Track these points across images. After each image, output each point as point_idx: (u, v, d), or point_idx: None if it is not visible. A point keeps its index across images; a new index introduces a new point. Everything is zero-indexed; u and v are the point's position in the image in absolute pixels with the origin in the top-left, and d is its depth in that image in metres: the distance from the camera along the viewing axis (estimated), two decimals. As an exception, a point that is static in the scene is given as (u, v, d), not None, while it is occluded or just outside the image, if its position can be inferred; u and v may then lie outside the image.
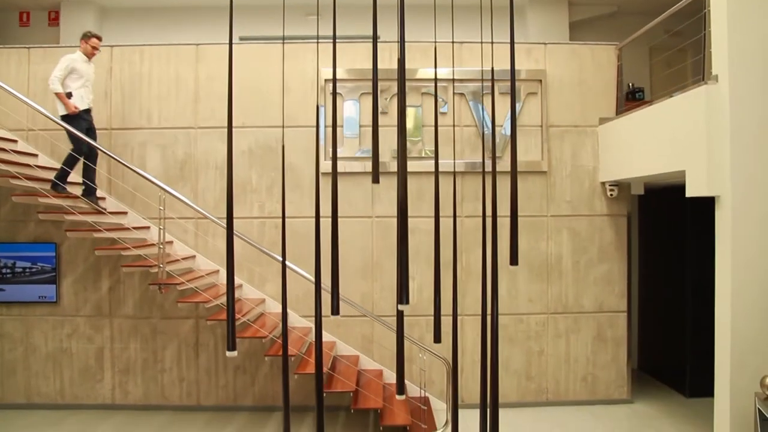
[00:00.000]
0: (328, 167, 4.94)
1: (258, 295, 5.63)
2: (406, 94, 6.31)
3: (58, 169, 5.14)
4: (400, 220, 1.63)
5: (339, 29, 2.09)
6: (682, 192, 4.36)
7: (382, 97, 5.71)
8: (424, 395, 5.02)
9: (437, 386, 5.57)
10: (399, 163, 1.65)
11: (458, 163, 5.68)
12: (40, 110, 5.08)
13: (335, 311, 2.02)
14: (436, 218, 2.38)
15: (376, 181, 1.96)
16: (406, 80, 1.87)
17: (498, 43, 2.82)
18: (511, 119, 2.18)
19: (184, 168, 5.79)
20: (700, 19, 4.38)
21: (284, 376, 2.20)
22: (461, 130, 5.79)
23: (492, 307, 2.21)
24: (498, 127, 5.80)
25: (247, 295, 5.59)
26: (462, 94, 5.80)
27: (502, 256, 2.19)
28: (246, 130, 5.73)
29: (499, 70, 2.94)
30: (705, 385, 4.56)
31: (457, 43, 5.57)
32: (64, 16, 6.99)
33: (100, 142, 5.32)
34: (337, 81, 5.67)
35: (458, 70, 5.67)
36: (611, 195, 5.78)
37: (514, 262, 2.04)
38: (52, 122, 5.08)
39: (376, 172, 1.95)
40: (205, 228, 5.67)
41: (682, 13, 4.73)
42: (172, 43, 5.91)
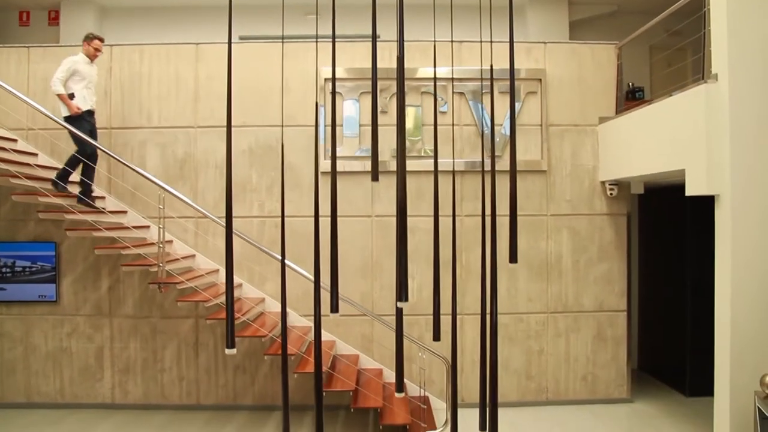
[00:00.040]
0: (328, 166, 4.93)
1: (258, 294, 5.63)
2: (406, 94, 6.31)
3: (59, 169, 5.15)
4: (400, 217, 1.63)
5: (339, 28, 2.09)
6: (682, 191, 4.36)
7: (381, 96, 5.71)
8: (423, 394, 5.02)
9: (437, 385, 5.57)
10: (398, 161, 1.65)
11: (458, 162, 5.68)
12: (40, 109, 5.08)
13: (334, 309, 2.02)
14: (435, 217, 2.38)
15: (376, 179, 1.96)
16: (405, 79, 1.87)
17: (497, 42, 2.82)
18: (511, 118, 2.18)
19: (184, 167, 5.79)
20: (700, 18, 4.38)
21: (283, 375, 2.20)
22: (461, 129, 5.78)
23: (491, 306, 2.21)
24: (498, 126, 5.80)
25: (247, 295, 5.59)
26: (462, 93, 5.80)
27: (501, 255, 2.19)
28: (246, 129, 5.73)
29: (499, 69, 2.94)
30: (705, 385, 4.55)
31: (456, 42, 5.60)
32: (64, 16, 6.99)
33: (100, 142, 5.32)
34: (336, 80, 5.72)
35: (458, 69, 5.66)
36: (611, 194, 5.77)
37: (513, 259, 2.04)
38: (52, 121, 5.09)
39: (376, 171, 1.95)
40: (205, 227, 5.67)
41: (682, 12, 4.74)
42: (172, 43, 5.92)
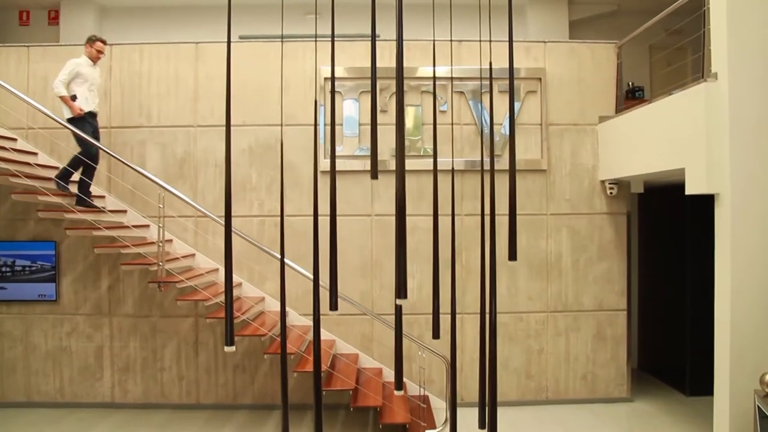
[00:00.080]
0: (327, 165, 4.93)
1: (257, 293, 5.63)
2: (406, 93, 6.30)
3: (58, 168, 5.15)
4: (399, 211, 1.63)
5: (338, 28, 2.09)
6: (681, 190, 4.36)
7: (381, 95, 5.71)
8: (423, 394, 5.02)
9: (437, 385, 5.57)
10: (397, 157, 1.65)
11: (458, 161, 5.67)
12: (39, 108, 5.08)
13: (333, 307, 2.01)
14: (434, 215, 2.37)
15: (375, 177, 1.96)
16: (405, 79, 1.88)
17: (497, 42, 2.81)
18: (510, 117, 2.18)
19: (184, 166, 5.79)
20: (700, 17, 4.38)
21: (283, 374, 2.19)
22: (461, 128, 5.78)
23: (490, 305, 2.20)
24: (497, 125, 5.80)
25: (247, 294, 5.59)
26: (461, 93, 5.80)
27: (501, 254, 2.18)
28: (246, 128, 5.73)
29: (499, 68, 2.93)
30: (705, 384, 4.56)
31: (455, 42, 5.60)
32: (64, 15, 6.99)
33: (100, 141, 5.32)
34: (336, 79, 5.72)
35: (458, 68, 5.67)
36: (611, 193, 5.77)
37: (513, 257, 2.04)
38: (52, 120, 5.09)
39: (375, 168, 1.94)
40: (205, 226, 5.67)
41: (682, 11, 4.73)
42: (172, 42, 5.92)
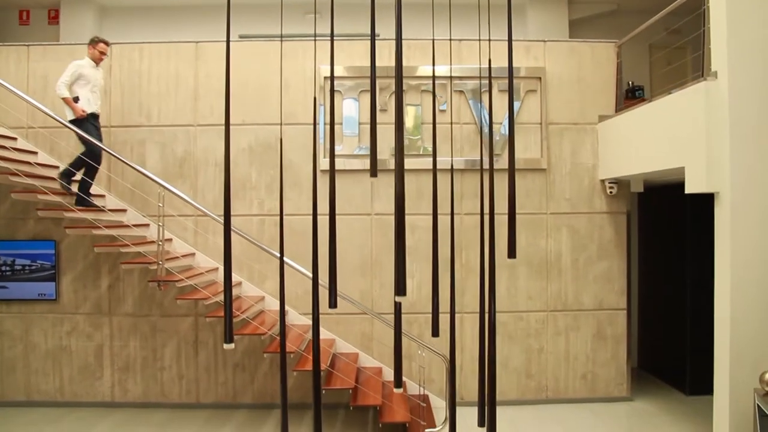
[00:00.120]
0: (327, 165, 4.93)
1: (257, 292, 5.63)
2: (406, 92, 6.28)
3: (63, 168, 5.15)
4: (398, 205, 1.62)
5: (338, 27, 2.09)
6: (681, 189, 4.35)
7: (381, 94, 5.71)
8: (423, 393, 5.02)
9: (437, 384, 5.57)
10: (397, 152, 1.64)
11: (458, 160, 5.68)
12: (39, 107, 5.08)
13: (332, 304, 2.02)
14: (434, 214, 2.37)
15: (374, 175, 1.96)
16: (405, 78, 1.88)
17: (496, 41, 2.81)
18: (509, 116, 2.18)
19: (184, 165, 5.79)
20: (699, 16, 4.38)
21: (282, 373, 2.19)
22: (461, 127, 5.78)
23: (490, 304, 2.20)
24: (497, 124, 5.80)
25: (247, 293, 5.58)
26: (461, 92, 5.80)
27: (501, 253, 2.18)
28: (246, 127, 5.73)
29: (499, 67, 2.93)
30: (705, 383, 4.55)
31: (455, 41, 5.60)
32: (64, 15, 6.99)
33: (102, 141, 5.32)
34: (336, 79, 5.72)
35: (457, 67, 5.67)
36: (611, 192, 5.77)
37: (512, 254, 2.04)
38: (52, 119, 5.09)
39: (374, 166, 1.94)
40: (205, 225, 5.67)
41: (681, 11, 4.73)
42: (172, 41, 5.91)
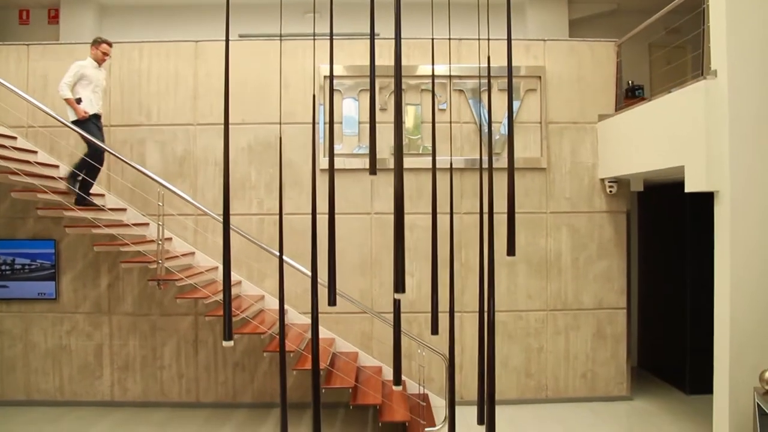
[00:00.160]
0: (327, 164, 4.93)
1: (257, 291, 5.63)
2: (406, 92, 6.27)
3: (68, 171, 5.16)
4: (397, 205, 1.62)
5: (338, 27, 2.08)
6: (681, 188, 4.35)
7: (381, 94, 5.71)
8: (423, 392, 5.02)
9: (437, 383, 5.57)
10: (396, 150, 1.64)
11: (458, 159, 5.68)
12: (39, 107, 5.08)
13: (332, 302, 2.01)
14: (433, 213, 2.37)
15: (374, 173, 1.96)
16: (405, 77, 1.88)
17: (495, 40, 2.81)
18: (508, 115, 2.18)
19: (183, 165, 5.79)
20: (699, 15, 4.38)
21: (281, 372, 2.19)
22: (460, 126, 5.78)
23: (489, 303, 2.20)
24: (497, 123, 5.80)
25: (246, 292, 5.58)
26: (461, 91, 5.80)
27: (500, 252, 2.18)
28: (245, 126, 5.72)
29: (498, 66, 2.93)
30: (705, 383, 4.55)
31: (455, 40, 5.60)
32: (64, 14, 6.99)
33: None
34: (336, 78, 5.72)
35: (457, 66, 5.67)
36: (610, 191, 5.77)
37: (511, 252, 2.03)
38: (52, 119, 5.08)
39: (374, 164, 1.94)
40: (205, 224, 5.67)
41: (681, 9, 4.73)
42: (172, 40, 5.91)
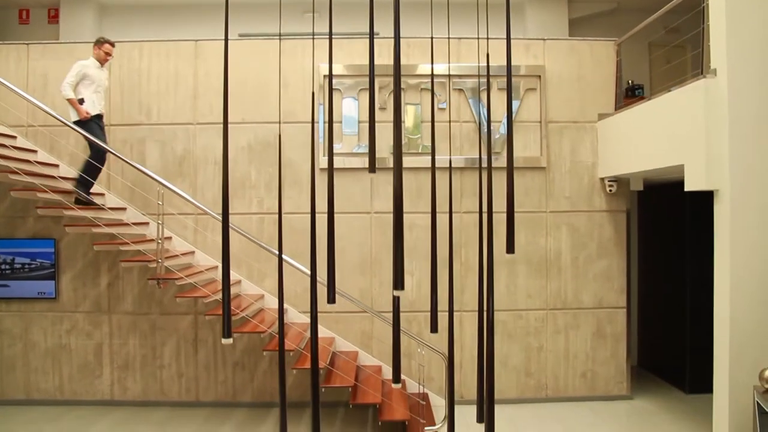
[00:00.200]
0: (326, 163, 4.92)
1: (257, 290, 5.63)
2: (405, 91, 6.26)
3: (77, 177, 5.17)
4: (397, 204, 1.63)
5: (337, 26, 2.09)
6: (681, 187, 4.35)
7: (381, 93, 5.71)
8: (423, 391, 5.02)
9: (436, 382, 5.57)
10: (395, 149, 1.64)
11: (457, 158, 5.67)
12: (40, 106, 5.08)
13: (331, 300, 2.01)
14: (432, 212, 2.37)
15: (373, 171, 1.96)
16: (404, 77, 1.88)
17: (495, 39, 2.81)
18: (508, 115, 2.18)
19: (183, 164, 5.79)
20: (699, 14, 4.38)
21: (281, 371, 2.19)
22: (460, 125, 5.78)
23: (488, 302, 2.20)
24: (497, 122, 5.80)
25: (246, 291, 5.58)
26: (461, 90, 5.79)
27: (500, 251, 2.17)
28: (245, 126, 5.72)
29: (498, 65, 2.93)
30: (705, 381, 4.55)
31: (455, 39, 5.60)
32: (64, 14, 7.00)
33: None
34: (335, 77, 5.72)
35: (456, 66, 5.67)
36: (610, 191, 5.77)
37: (511, 250, 2.03)
38: (52, 118, 5.09)
39: (373, 163, 1.94)
40: (204, 224, 5.67)
41: (681, 9, 4.73)
42: (171, 40, 5.91)
